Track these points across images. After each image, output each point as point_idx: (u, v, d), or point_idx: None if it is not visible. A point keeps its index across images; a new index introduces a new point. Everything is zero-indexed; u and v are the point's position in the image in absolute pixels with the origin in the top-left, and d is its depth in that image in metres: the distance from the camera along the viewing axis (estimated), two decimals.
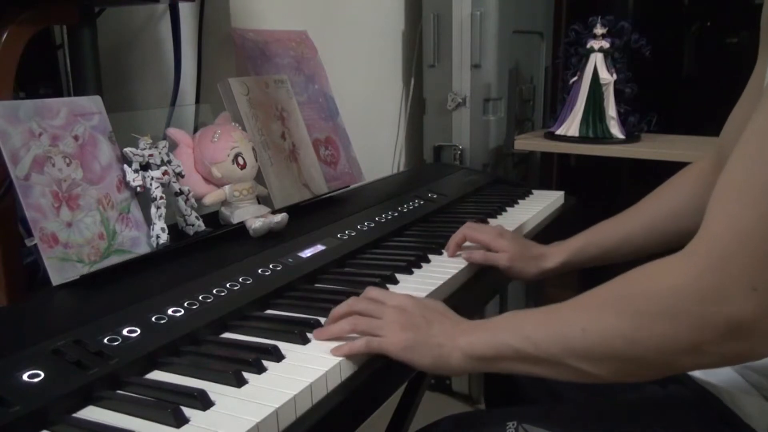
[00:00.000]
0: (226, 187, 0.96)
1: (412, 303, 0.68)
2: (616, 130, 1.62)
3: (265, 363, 0.61)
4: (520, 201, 1.30)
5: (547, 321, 0.59)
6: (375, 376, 0.65)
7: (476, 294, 0.92)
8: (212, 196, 0.95)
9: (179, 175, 0.90)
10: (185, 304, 0.70)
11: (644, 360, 0.53)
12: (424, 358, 0.64)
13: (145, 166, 0.85)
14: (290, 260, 0.85)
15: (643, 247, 0.89)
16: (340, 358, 0.62)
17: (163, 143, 0.88)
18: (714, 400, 0.66)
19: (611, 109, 1.61)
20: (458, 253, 0.95)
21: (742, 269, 0.48)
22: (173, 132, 0.96)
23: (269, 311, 0.76)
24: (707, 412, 0.67)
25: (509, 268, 0.93)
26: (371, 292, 0.71)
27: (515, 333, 0.60)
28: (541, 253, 0.94)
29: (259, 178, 1.02)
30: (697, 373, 0.69)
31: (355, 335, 0.66)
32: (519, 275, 0.95)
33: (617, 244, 0.91)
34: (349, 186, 1.26)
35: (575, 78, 1.64)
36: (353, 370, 0.64)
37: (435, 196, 1.24)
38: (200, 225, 0.92)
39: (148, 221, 0.84)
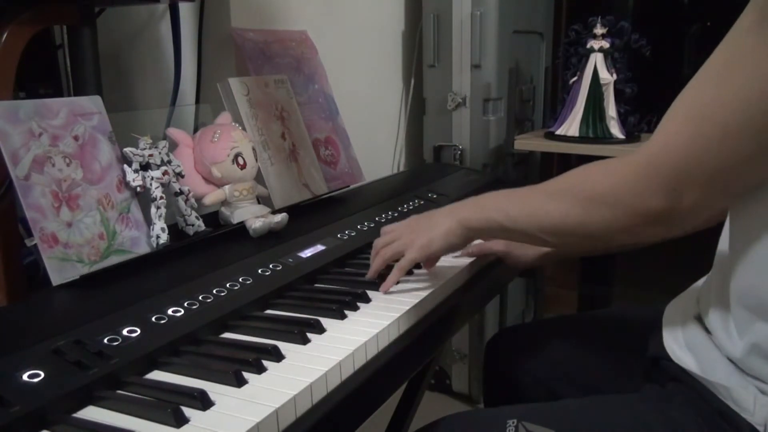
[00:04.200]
0: (226, 187, 0.96)
1: (414, 217, 0.88)
2: (616, 130, 1.62)
3: (265, 363, 0.61)
4: None
5: (522, 203, 0.76)
6: (375, 376, 0.65)
7: (476, 294, 0.92)
8: (212, 196, 0.95)
9: (179, 175, 0.90)
10: (185, 304, 0.70)
11: (591, 236, 0.70)
12: (438, 242, 0.81)
13: (145, 166, 0.85)
14: (290, 260, 0.86)
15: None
16: (340, 358, 0.63)
17: (163, 143, 0.88)
18: (711, 396, 0.66)
19: (611, 109, 1.61)
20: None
21: (666, 173, 0.61)
22: (173, 132, 0.96)
23: (269, 311, 0.76)
24: (705, 409, 0.67)
25: (507, 253, 0.95)
26: (385, 228, 0.89)
27: (499, 211, 0.77)
28: None
29: (259, 178, 1.02)
30: (695, 369, 0.69)
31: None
32: (517, 261, 0.96)
33: None
34: (349, 186, 1.26)
35: (575, 78, 1.64)
36: (353, 370, 0.64)
37: (435, 196, 1.24)
38: (200, 225, 0.92)
39: (148, 221, 0.84)
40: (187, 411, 0.53)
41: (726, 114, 0.58)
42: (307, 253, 0.89)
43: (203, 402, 0.54)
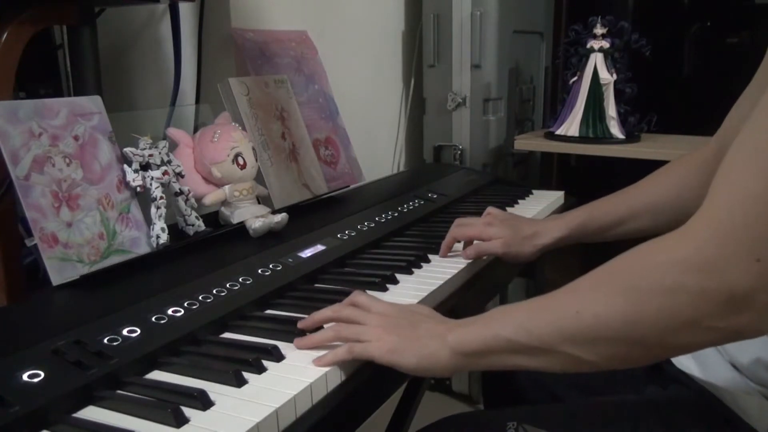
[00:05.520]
0: (226, 187, 0.96)
1: (398, 307, 0.67)
2: (616, 130, 1.62)
3: (265, 363, 0.61)
4: (520, 201, 1.30)
5: (540, 307, 0.57)
6: (375, 376, 0.65)
7: (476, 294, 0.92)
8: (212, 196, 0.95)
9: (179, 175, 0.90)
10: (185, 304, 0.70)
11: (640, 340, 0.50)
12: (410, 359, 0.61)
13: (145, 166, 0.85)
14: (290, 260, 0.85)
15: (643, 227, 0.88)
16: None
17: (163, 143, 0.88)
18: (715, 400, 0.66)
19: (611, 109, 1.61)
20: (449, 254, 0.95)
21: (746, 239, 0.45)
22: (173, 132, 0.96)
23: (269, 311, 0.76)
24: (708, 413, 0.66)
25: (505, 254, 0.92)
26: (357, 297, 0.68)
27: (507, 323, 0.58)
28: (534, 231, 0.93)
29: (259, 178, 1.02)
30: (698, 374, 0.69)
31: (338, 344, 0.64)
32: (516, 259, 0.94)
33: (618, 222, 0.90)
34: (349, 186, 1.26)
35: (575, 78, 1.64)
36: (353, 370, 0.64)
37: (435, 196, 1.24)
38: (200, 225, 0.92)
39: (148, 221, 0.84)
40: (187, 411, 0.53)
41: None
42: (307, 253, 0.89)
43: (203, 402, 0.54)
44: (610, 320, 0.51)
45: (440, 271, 0.88)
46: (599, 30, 1.60)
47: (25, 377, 0.54)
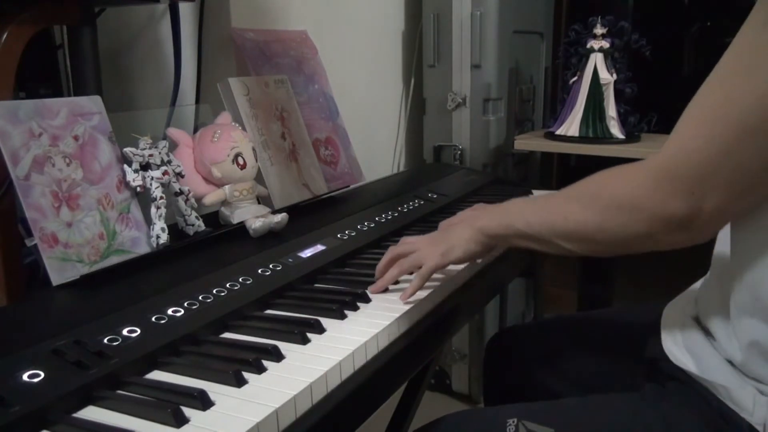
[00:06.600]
0: (226, 187, 0.96)
1: (436, 231, 0.88)
2: (616, 130, 1.62)
3: (265, 363, 0.61)
4: None
5: (541, 209, 0.76)
6: (375, 376, 0.65)
7: (476, 294, 0.92)
8: (212, 196, 0.95)
9: (179, 175, 0.90)
10: (185, 304, 0.70)
11: (609, 242, 0.69)
12: (458, 252, 0.81)
13: (145, 166, 0.85)
14: (290, 260, 0.86)
15: None
16: (340, 358, 0.63)
17: (163, 143, 0.88)
18: (711, 396, 0.67)
19: (611, 109, 1.61)
20: None
21: (684, 178, 0.61)
22: (173, 132, 0.96)
23: (269, 311, 0.76)
24: (705, 409, 0.67)
25: None
26: (406, 238, 0.87)
27: (519, 217, 0.77)
28: None
29: (259, 178, 1.02)
30: (693, 370, 0.69)
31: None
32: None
33: None
34: (349, 186, 1.26)
35: (575, 78, 1.64)
36: (353, 370, 0.64)
37: (435, 196, 1.24)
38: (200, 225, 0.92)
39: (148, 221, 0.84)
40: (187, 411, 0.53)
41: (742, 113, 0.57)
42: (307, 253, 0.89)
43: (203, 402, 0.54)
44: (588, 227, 0.69)
45: (441, 270, 0.88)
46: (599, 30, 1.60)
47: (25, 377, 0.54)
